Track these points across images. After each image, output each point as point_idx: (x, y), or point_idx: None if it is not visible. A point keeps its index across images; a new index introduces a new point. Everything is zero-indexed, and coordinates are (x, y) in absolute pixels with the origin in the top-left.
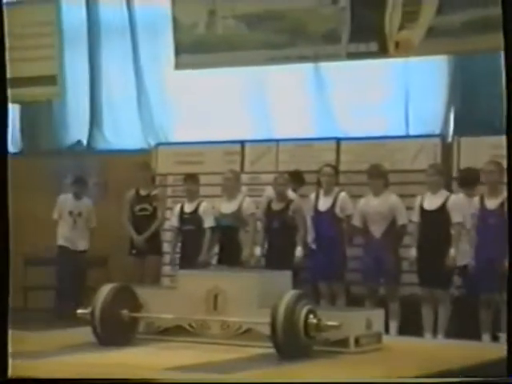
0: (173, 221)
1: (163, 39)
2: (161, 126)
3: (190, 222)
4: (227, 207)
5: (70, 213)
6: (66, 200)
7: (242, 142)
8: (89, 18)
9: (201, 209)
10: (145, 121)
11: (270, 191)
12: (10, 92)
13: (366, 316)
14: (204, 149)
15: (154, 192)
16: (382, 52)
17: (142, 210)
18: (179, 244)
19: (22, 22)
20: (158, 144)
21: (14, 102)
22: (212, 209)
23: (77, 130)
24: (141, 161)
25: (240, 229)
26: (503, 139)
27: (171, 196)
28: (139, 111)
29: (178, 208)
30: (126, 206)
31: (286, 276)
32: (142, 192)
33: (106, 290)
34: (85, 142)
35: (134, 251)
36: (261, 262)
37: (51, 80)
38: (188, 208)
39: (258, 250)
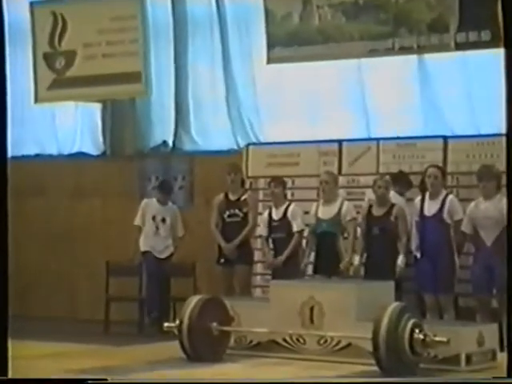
0: (261, 229)
1: (254, 33)
2: (251, 124)
3: (280, 229)
4: (325, 212)
5: (153, 218)
6: (150, 205)
7: (340, 142)
8: (175, 12)
9: (289, 213)
10: (234, 120)
11: (371, 195)
12: (91, 90)
13: (478, 331)
14: (298, 149)
15: (245, 196)
16: (495, 41)
17: (231, 215)
18: (272, 252)
19: (106, 16)
20: (249, 144)
21: (95, 100)
22: (302, 211)
23: (162, 130)
24: (230, 162)
25: (338, 235)
26: None
27: (263, 200)
28: (228, 109)
29: (265, 214)
30: (215, 211)
31: (388, 287)
32: (232, 196)
33: (193, 301)
34: (170, 142)
35: (222, 260)
36: (360, 271)
37: (135, 77)
38: (276, 214)
39: (357, 259)
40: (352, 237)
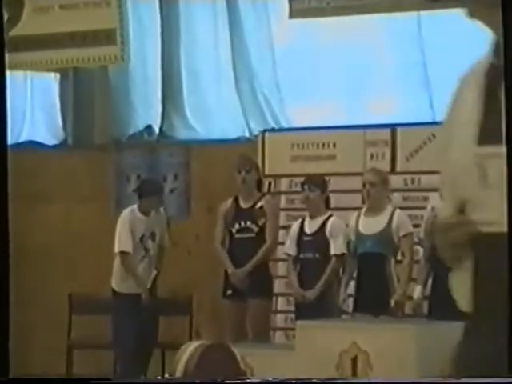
0: (288, 246)
1: None
2: (268, 103)
3: (312, 248)
4: (369, 225)
5: (142, 238)
6: (135, 220)
7: (393, 127)
8: None
9: (328, 227)
10: (245, 97)
11: (436, 200)
12: (44, 55)
13: None
14: (334, 137)
15: (261, 203)
16: None
17: (242, 229)
18: (296, 280)
19: None
20: (266, 131)
21: (52, 69)
22: (346, 227)
23: (145, 111)
24: (240, 156)
25: (389, 257)
26: None
27: (286, 209)
28: (237, 83)
29: (295, 227)
30: (220, 223)
31: (459, 329)
32: (243, 203)
33: (189, 349)
34: (157, 128)
35: (229, 291)
36: (422, 307)
37: (107, 36)
38: (310, 227)
39: (417, 290)
40: (408, 259)
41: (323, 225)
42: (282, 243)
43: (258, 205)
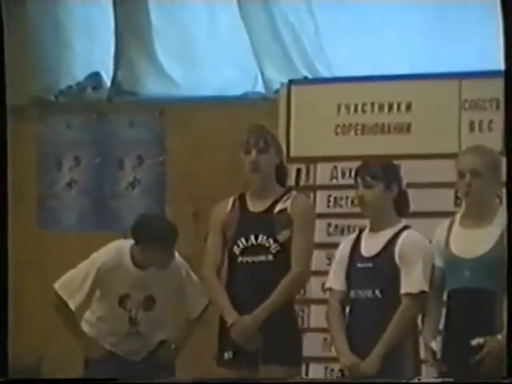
0: (331, 277)
1: None
2: (296, 36)
3: (372, 281)
4: (469, 242)
5: (123, 299)
6: (116, 268)
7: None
8: None
9: (399, 246)
10: (257, 30)
11: None
12: None
13: None
14: (407, 92)
15: (284, 204)
16: None
17: (251, 249)
18: (344, 337)
19: None
20: (293, 82)
21: None
22: (429, 246)
23: (88, 50)
24: (250, 126)
25: (500, 296)
26: None
27: (326, 215)
28: (241, 12)
29: (344, 246)
30: (214, 238)
31: None
32: (254, 205)
33: None
34: (107, 79)
35: (229, 354)
36: None
37: None
38: (369, 246)
39: None
40: None
41: (391, 243)
42: (321, 272)
43: (279, 207)
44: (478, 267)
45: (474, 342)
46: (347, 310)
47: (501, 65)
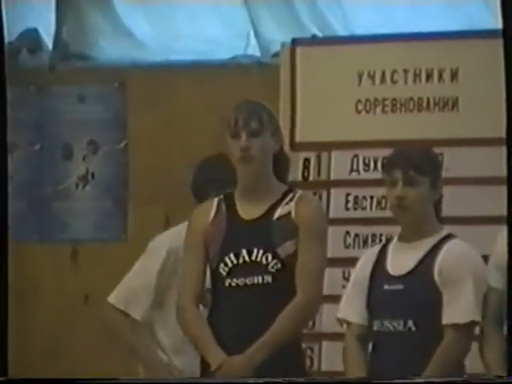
0: (349, 305)
1: None
2: None
3: (402, 309)
4: None
5: None
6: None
7: None
8: None
9: (439, 263)
10: None
11: None
12: None
13: None
14: (454, 56)
15: (286, 208)
16: None
17: (243, 269)
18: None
19: None
20: (297, 42)
21: None
22: (481, 262)
23: (22, 2)
24: (241, 102)
25: None
26: None
27: (343, 220)
28: None
29: (367, 262)
30: (193, 255)
31: None
32: (245, 209)
33: None
34: (49, 40)
35: None
36: None
37: None
38: (399, 262)
39: None
40: None
41: (430, 256)
42: (335, 298)
43: (280, 212)
44: None
45: None
46: (369, 347)
47: None
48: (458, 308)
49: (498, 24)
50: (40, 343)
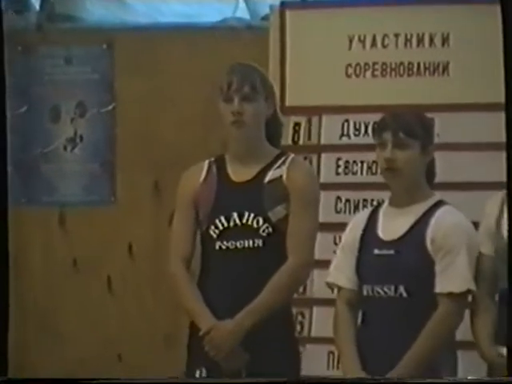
0: (338, 269)
1: None
2: None
3: (394, 274)
4: None
5: None
6: None
7: None
8: None
9: (431, 229)
10: None
11: None
12: None
13: None
14: (444, 19)
15: (278, 171)
16: None
17: (233, 232)
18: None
19: None
20: (286, 5)
21: None
22: (474, 231)
23: None
24: (231, 66)
25: None
26: None
27: (334, 185)
28: None
29: (356, 226)
30: (183, 218)
31: None
32: (237, 172)
33: None
34: (36, 0)
35: (201, 371)
36: None
37: None
38: (389, 226)
39: None
40: None
41: (421, 222)
42: (326, 263)
43: (271, 175)
44: None
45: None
46: (360, 312)
47: None
48: (453, 277)
49: None
50: (30, 306)
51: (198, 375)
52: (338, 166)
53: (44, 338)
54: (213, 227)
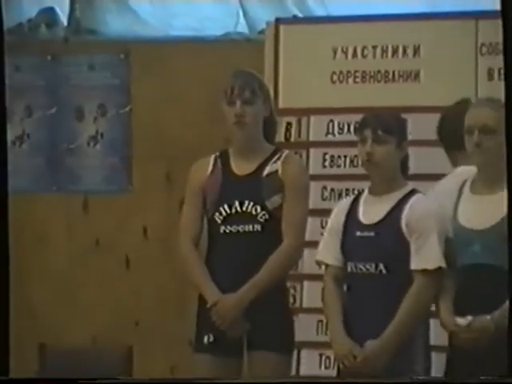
0: (326, 249)
1: None
2: None
3: (374, 254)
4: (480, 211)
5: None
6: None
7: None
8: None
9: (406, 213)
10: None
11: None
12: None
13: None
14: (415, 33)
15: (274, 166)
16: None
17: (235, 218)
18: (340, 319)
19: None
20: (280, 21)
21: None
22: (442, 214)
23: None
24: (233, 73)
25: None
26: None
27: (322, 177)
28: None
29: (341, 211)
30: (191, 205)
31: None
32: (239, 166)
33: None
34: (64, 16)
35: (209, 338)
36: None
37: None
38: (370, 212)
39: None
40: None
41: (397, 208)
42: (315, 243)
43: (268, 169)
44: (488, 240)
45: (462, 320)
46: (345, 287)
47: None
48: (426, 255)
49: (455, 6)
50: (56, 279)
51: (205, 341)
52: (325, 160)
53: (68, 307)
54: (217, 214)
